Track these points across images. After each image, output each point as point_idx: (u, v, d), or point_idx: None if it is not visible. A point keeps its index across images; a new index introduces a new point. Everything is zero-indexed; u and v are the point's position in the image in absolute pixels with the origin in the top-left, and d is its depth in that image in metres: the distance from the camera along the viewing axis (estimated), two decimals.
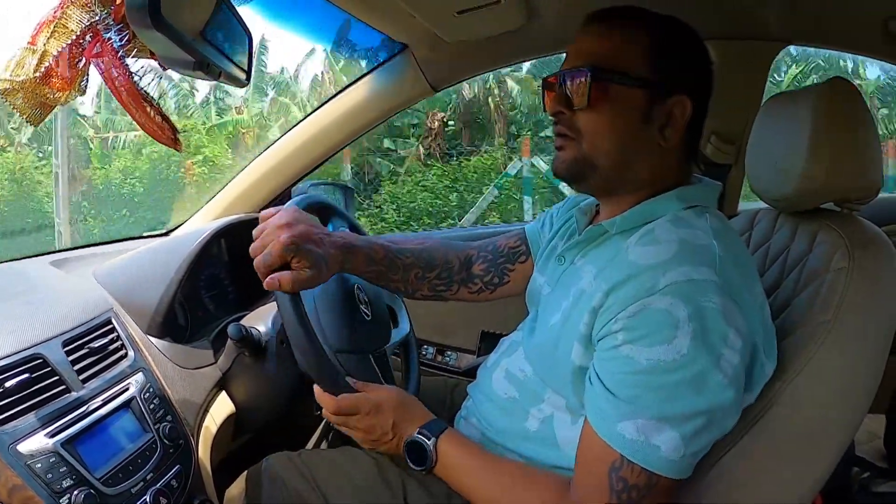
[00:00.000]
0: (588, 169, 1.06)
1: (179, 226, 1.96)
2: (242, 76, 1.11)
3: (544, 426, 1.12)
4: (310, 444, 1.64)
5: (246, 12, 1.12)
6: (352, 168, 11.89)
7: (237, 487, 1.26)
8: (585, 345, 1.00)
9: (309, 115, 1.94)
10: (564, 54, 1.10)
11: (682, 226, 1.01)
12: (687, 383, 0.88)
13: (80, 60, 0.89)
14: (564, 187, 8.81)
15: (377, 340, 1.34)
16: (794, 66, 12.02)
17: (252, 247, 1.09)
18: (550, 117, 1.10)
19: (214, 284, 1.67)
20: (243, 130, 12.76)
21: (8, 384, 0.97)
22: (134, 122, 0.96)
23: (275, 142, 1.95)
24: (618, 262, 1.00)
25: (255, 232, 1.11)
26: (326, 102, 1.92)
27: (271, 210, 1.13)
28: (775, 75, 11.19)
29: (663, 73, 1.03)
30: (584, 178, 1.08)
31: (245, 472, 1.26)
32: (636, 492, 0.90)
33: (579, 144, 1.06)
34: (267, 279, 1.07)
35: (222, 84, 1.29)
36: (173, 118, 1.85)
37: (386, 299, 1.48)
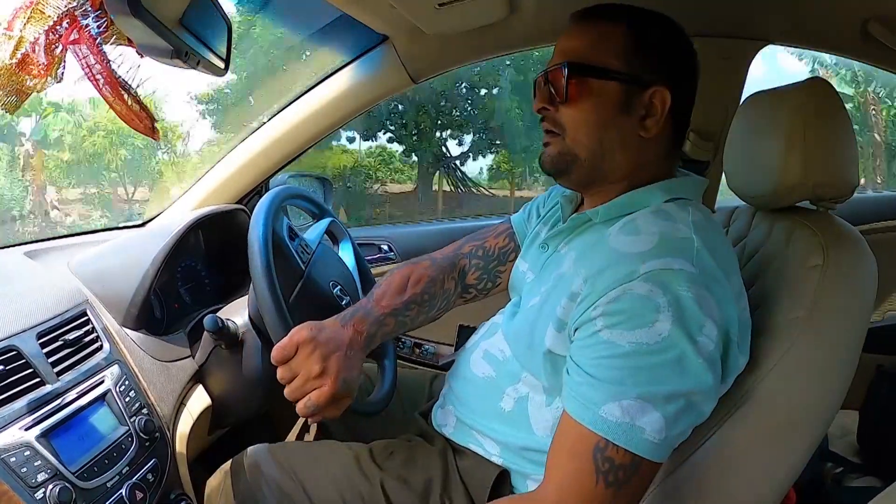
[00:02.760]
0: (571, 162, 1.09)
1: (156, 217, 1.94)
2: (221, 65, 1.10)
3: (518, 406, 1.13)
4: (289, 438, 1.63)
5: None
6: None
7: (217, 479, 1.25)
8: (558, 328, 1.01)
9: (287, 105, 1.92)
10: (546, 48, 1.12)
11: (664, 218, 1.02)
12: (669, 365, 0.89)
13: (57, 47, 0.87)
14: None
15: None
16: None
17: (288, 391, 1.06)
18: (538, 114, 1.12)
19: (191, 276, 1.66)
20: None
21: None
22: None
23: (253, 132, 1.93)
24: (598, 249, 1.02)
25: (282, 373, 1.06)
26: (305, 93, 1.90)
27: (286, 348, 1.06)
28: None
29: (640, 65, 1.05)
30: (568, 172, 1.10)
31: (225, 464, 1.26)
32: (623, 472, 0.90)
33: (563, 139, 1.09)
34: (311, 420, 1.09)
35: None
36: None
37: (360, 294, 1.47)
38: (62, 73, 0.90)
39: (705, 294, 0.92)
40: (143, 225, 1.89)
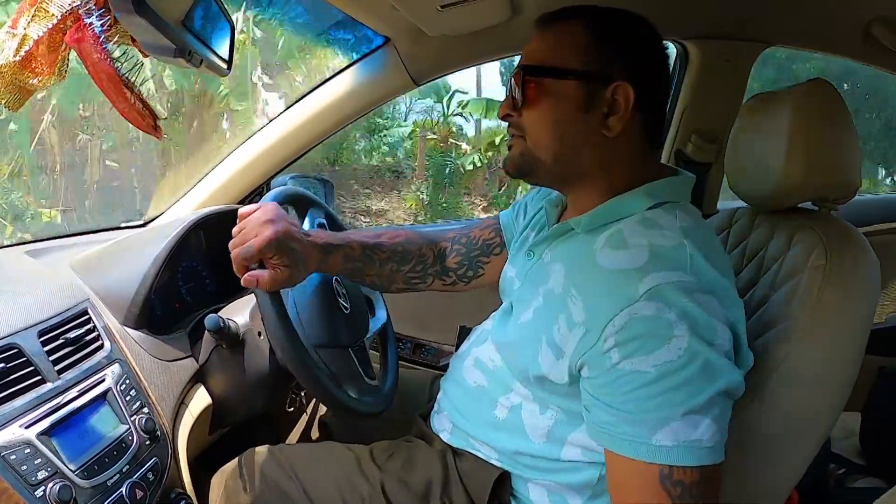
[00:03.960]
0: (533, 163, 1.09)
1: (157, 217, 1.94)
2: (224, 65, 1.10)
3: (512, 414, 1.13)
4: (290, 439, 1.63)
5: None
6: None
7: (217, 480, 1.26)
8: (557, 356, 1.00)
9: (290, 106, 1.92)
10: None
11: (651, 227, 1.00)
12: (699, 375, 0.88)
13: (61, 45, 0.87)
14: None
15: (356, 333, 1.34)
16: None
17: (232, 242, 1.10)
18: (503, 120, 1.12)
19: (192, 276, 1.66)
20: None
21: None
22: None
23: (255, 133, 1.93)
24: (588, 268, 1.00)
25: (235, 230, 1.11)
26: (308, 94, 1.90)
27: (251, 207, 1.15)
28: None
29: (599, 62, 1.03)
30: (532, 173, 1.11)
31: (226, 465, 1.26)
32: (696, 488, 0.88)
33: (524, 141, 1.08)
34: (245, 276, 1.09)
35: None
36: None
37: (363, 290, 1.47)
38: (66, 71, 0.91)
39: (707, 299, 0.91)
40: (144, 225, 1.90)
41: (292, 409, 1.61)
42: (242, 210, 1.15)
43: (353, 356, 1.29)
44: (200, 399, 1.32)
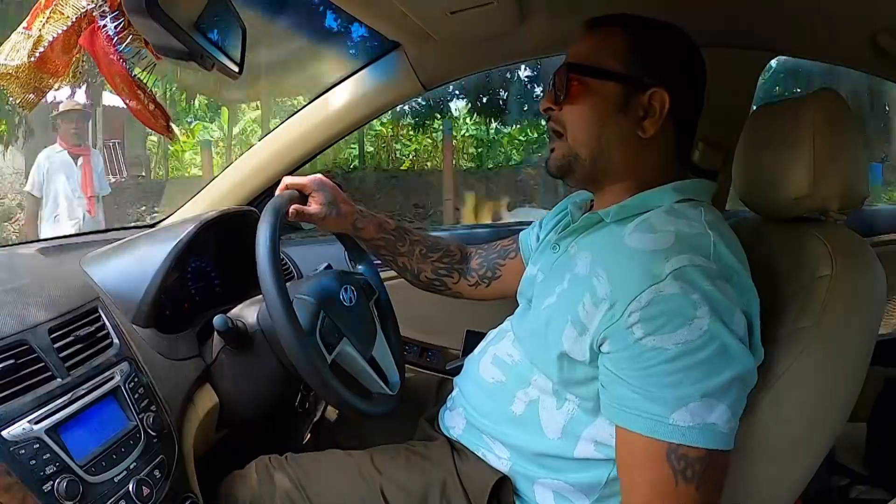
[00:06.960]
0: (573, 161, 1.14)
1: (167, 217, 1.95)
2: (235, 68, 1.11)
3: (530, 410, 1.14)
4: (296, 441, 1.64)
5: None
6: None
7: (223, 487, 1.25)
8: (580, 331, 1.02)
9: (300, 109, 1.93)
10: (556, 57, 1.15)
11: (678, 216, 1.05)
12: (717, 356, 0.91)
13: (75, 47, 0.89)
14: None
15: (344, 319, 1.30)
16: None
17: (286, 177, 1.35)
18: (544, 113, 1.17)
19: (201, 276, 1.67)
20: None
21: None
22: None
23: (265, 136, 1.95)
24: (616, 249, 1.04)
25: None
26: (318, 98, 1.92)
27: None
28: None
29: (639, 67, 1.09)
30: (572, 171, 1.15)
31: (232, 473, 1.27)
32: (699, 464, 0.92)
33: (565, 141, 1.13)
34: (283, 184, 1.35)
35: None
36: None
37: (377, 351, 1.44)
38: (80, 72, 0.92)
39: (727, 286, 0.94)
40: (154, 225, 1.91)
41: (307, 405, 1.62)
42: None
43: (328, 320, 1.25)
44: (208, 398, 1.32)
